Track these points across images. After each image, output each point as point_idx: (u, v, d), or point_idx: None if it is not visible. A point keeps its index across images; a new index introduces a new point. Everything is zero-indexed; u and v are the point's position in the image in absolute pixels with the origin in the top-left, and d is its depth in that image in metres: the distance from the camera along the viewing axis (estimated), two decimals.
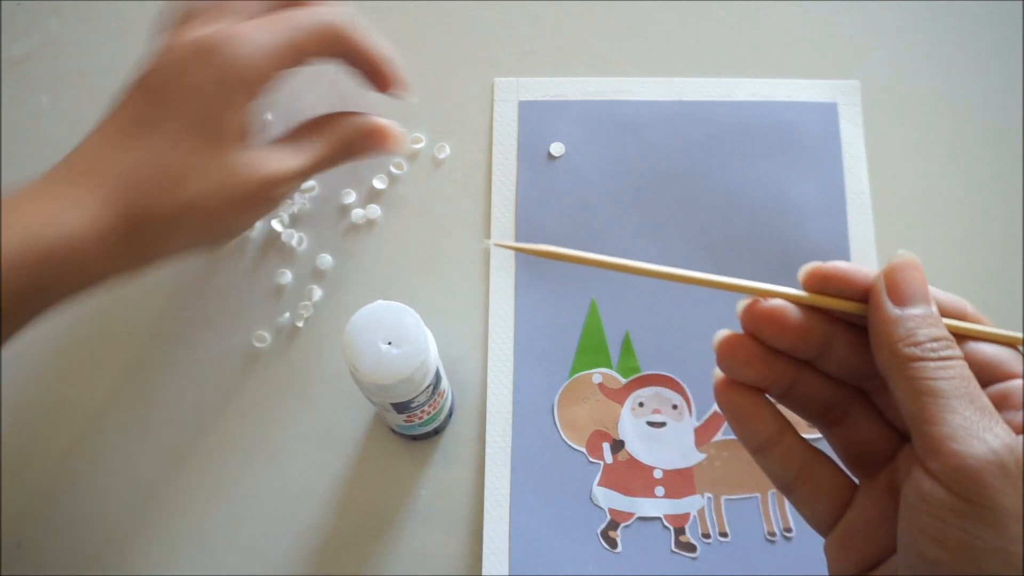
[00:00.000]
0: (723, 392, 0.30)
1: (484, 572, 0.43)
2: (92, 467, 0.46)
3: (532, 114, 0.51)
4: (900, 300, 0.27)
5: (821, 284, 0.29)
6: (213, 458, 0.46)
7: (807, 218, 0.49)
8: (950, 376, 0.26)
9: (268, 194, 0.41)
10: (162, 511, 0.45)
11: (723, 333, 0.30)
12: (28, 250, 0.36)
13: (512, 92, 0.51)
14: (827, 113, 0.50)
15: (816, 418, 0.31)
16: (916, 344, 0.26)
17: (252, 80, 0.40)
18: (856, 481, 0.30)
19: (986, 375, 0.28)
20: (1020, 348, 0.29)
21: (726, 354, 0.30)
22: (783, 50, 0.52)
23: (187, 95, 0.39)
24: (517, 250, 0.32)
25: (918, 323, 0.27)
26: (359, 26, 0.42)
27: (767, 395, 0.30)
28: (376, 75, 0.44)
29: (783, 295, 0.29)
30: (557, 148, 0.50)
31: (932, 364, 0.26)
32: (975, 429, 0.25)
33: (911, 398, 0.26)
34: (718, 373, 0.31)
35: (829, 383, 0.30)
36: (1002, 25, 0.52)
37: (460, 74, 0.52)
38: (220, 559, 0.44)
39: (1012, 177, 0.50)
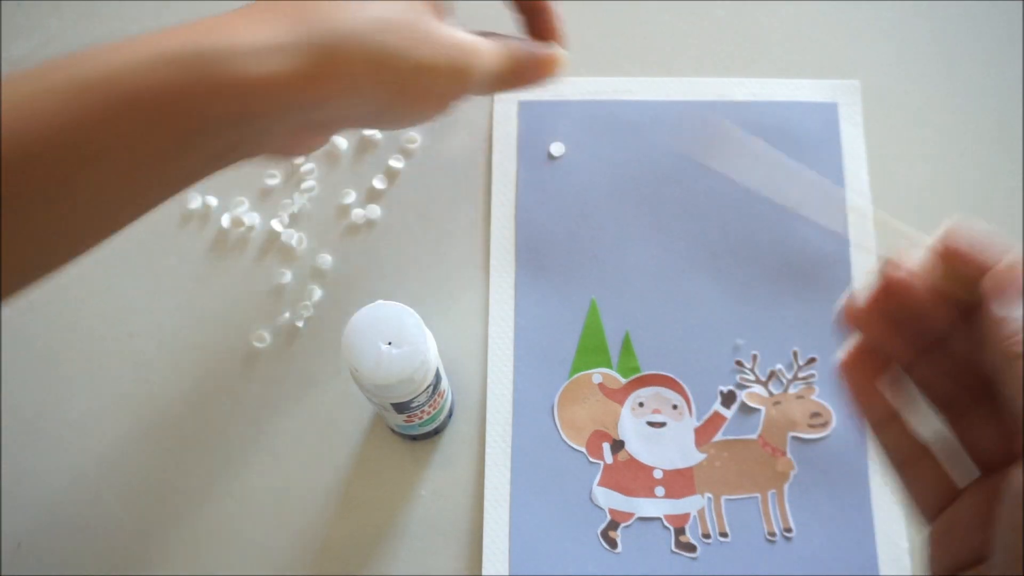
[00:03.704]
0: (854, 365, 0.30)
1: (484, 572, 0.43)
2: (92, 467, 0.46)
3: (532, 114, 0.51)
4: (1008, 298, 0.27)
5: (951, 259, 0.28)
6: (213, 458, 0.46)
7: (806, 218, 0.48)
8: None
9: (471, 59, 0.36)
10: (162, 511, 0.45)
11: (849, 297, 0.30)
12: (200, 43, 0.30)
13: (512, 92, 0.51)
14: (827, 113, 0.50)
15: (938, 406, 0.30)
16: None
17: None
18: (958, 485, 0.30)
19: None
20: None
21: (853, 306, 0.29)
22: (783, 50, 0.52)
23: None
24: None
25: None
26: None
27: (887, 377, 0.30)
28: (541, 18, 0.40)
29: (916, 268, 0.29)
30: (557, 148, 0.50)
31: None
32: None
33: (1015, 398, 0.25)
34: (850, 344, 0.30)
35: (950, 375, 0.30)
36: (1002, 25, 0.52)
37: None
38: (220, 559, 0.44)
39: (1012, 176, 0.50)
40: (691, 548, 0.44)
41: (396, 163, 0.51)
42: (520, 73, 0.39)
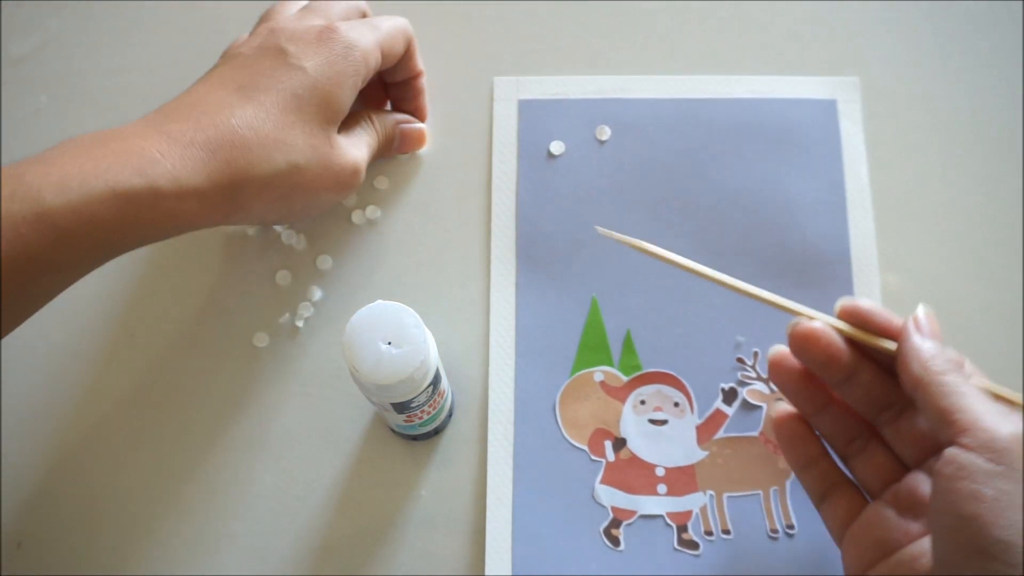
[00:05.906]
0: (781, 423, 0.41)
1: (487, 572, 0.43)
2: (92, 467, 0.46)
3: (532, 113, 0.51)
4: (924, 335, 0.36)
5: (854, 318, 0.38)
6: (213, 458, 0.46)
7: (807, 216, 0.48)
8: (973, 384, 0.34)
9: (355, 179, 0.45)
10: (162, 511, 0.45)
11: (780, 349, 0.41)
12: (139, 183, 0.37)
13: (512, 91, 0.51)
14: (827, 110, 0.50)
15: (843, 447, 0.40)
16: (942, 362, 0.35)
17: (363, 70, 0.43)
18: (869, 500, 0.39)
19: None
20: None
21: (776, 359, 0.41)
22: (783, 47, 0.52)
23: (300, 72, 0.42)
24: (620, 241, 0.40)
25: (940, 349, 0.35)
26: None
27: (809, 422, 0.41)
28: (412, 98, 0.50)
29: (827, 322, 0.38)
30: (557, 147, 0.50)
31: (957, 377, 0.34)
32: (1000, 417, 0.32)
33: (942, 398, 0.33)
34: (780, 408, 0.42)
35: (852, 417, 0.40)
36: (1002, 22, 0.52)
37: (459, 73, 0.52)
38: (220, 559, 0.44)
39: (1012, 174, 0.49)
40: (694, 546, 0.44)
41: (396, 163, 0.50)
42: (389, 150, 0.49)
